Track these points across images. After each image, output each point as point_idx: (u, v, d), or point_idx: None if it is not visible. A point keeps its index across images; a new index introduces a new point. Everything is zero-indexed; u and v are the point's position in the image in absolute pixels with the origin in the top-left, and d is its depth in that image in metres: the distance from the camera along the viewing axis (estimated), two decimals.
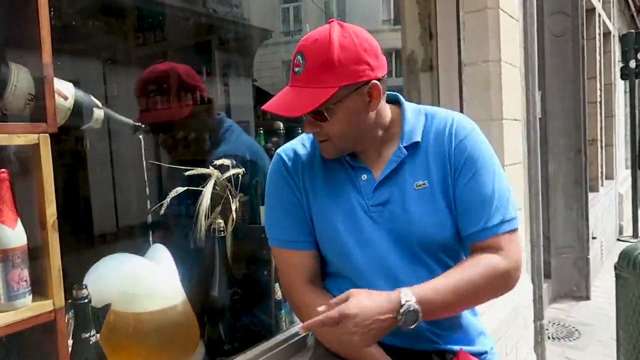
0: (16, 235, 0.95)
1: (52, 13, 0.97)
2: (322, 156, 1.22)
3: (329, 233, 1.20)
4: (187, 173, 1.44)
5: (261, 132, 1.78)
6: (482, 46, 2.43)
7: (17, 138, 0.94)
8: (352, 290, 1.05)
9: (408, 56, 2.53)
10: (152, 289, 1.26)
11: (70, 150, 1.85)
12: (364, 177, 1.20)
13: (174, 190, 1.46)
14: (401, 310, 1.01)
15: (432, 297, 1.04)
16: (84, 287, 1.09)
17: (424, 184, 1.16)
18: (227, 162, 1.49)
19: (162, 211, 1.45)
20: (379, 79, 1.11)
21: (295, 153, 1.26)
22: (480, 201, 1.14)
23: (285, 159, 1.26)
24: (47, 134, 0.98)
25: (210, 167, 1.51)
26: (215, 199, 1.48)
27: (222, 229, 1.41)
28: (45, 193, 0.98)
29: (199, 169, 1.48)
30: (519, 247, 1.17)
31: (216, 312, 1.40)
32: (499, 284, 1.13)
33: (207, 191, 1.44)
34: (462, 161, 1.16)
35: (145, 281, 1.24)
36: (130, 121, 1.21)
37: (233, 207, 1.51)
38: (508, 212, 1.14)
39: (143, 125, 1.23)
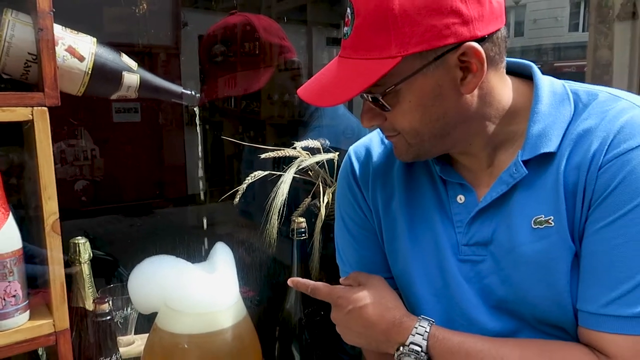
0: (4, 238, 0.74)
1: None
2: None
3: (399, 276, 0.87)
4: (263, 156, 1.15)
5: None
6: None
7: (2, 112, 0.72)
8: (370, 280, 0.82)
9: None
10: (204, 306, 0.99)
11: None
12: (461, 198, 0.80)
13: (251, 175, 1.18)
14: (397, 353, 0.76)
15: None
16: (105, 300, 0.87)
17: (548, 221, 0.71)
18: (314, 143, 1.16)
19: (236, 201, 1.18)
20: (481, 39, 0.67)
21: (368, 153, 0.90)
22: (609, 265, 0.67)
23: (354, 161, 0.91)
24: (45, 108, 0.75)
25: (299, 148, 1.20)
26: (300, 191, 1.18)
27: (302, 229, 1.10)
28: (42, 185, 0.75)
29: (281, 149, 1.18)
30: None
31: (289, 334, 1.11)
32: None
33: (287, 178, 1.13)
34: (605, 191, 0.67)
35: (194, 297, 0.98)
36: (180, 88, 0.95)
37: (323, 201, 1.18)
38: None
39: (198, 95, 0.96)
